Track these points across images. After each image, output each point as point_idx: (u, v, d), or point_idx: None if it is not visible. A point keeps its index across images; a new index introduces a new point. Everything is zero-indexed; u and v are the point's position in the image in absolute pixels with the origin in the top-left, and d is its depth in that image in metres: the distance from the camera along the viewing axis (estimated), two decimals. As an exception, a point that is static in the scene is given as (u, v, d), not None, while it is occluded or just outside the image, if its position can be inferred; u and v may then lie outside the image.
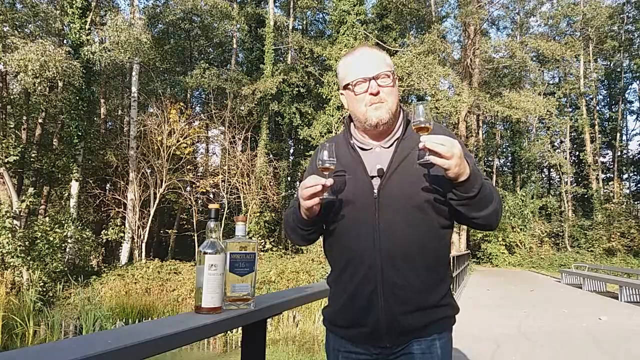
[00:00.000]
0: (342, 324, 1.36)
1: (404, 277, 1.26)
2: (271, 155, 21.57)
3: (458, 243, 22.37)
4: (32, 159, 15.78)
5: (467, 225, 1.41)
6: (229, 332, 9.39)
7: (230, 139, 19.89)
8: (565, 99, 29.92)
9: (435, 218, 1.29)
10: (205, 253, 1.22)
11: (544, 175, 34.22)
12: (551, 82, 32.62)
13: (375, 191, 1.28)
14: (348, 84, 1.33)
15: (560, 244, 24.94)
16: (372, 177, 1.30)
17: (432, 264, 1.29)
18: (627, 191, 30.06)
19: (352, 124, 1.42)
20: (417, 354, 1.28)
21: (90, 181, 18.50)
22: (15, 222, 12.79)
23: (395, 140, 1.34)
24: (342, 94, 1.40)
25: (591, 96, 29.32)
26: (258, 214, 19.11)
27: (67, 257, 14.65)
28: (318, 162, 1.26)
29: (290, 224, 1.40)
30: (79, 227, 14.75)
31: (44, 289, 12.41)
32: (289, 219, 1.40)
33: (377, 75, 1.29)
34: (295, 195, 1.46)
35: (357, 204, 1.30)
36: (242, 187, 19.14)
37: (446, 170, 1.14)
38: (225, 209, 18.72)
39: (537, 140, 29.18)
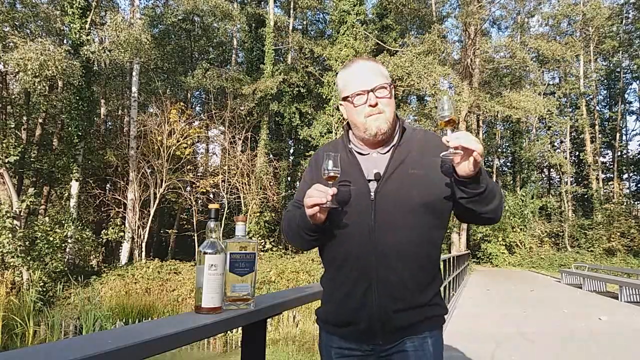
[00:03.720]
0: (337, 322, 1.38)
1: (398, 276, 1.29)
2: (271, 155, 21.56)
3: (458, 243, 22.36)
4: (32, 159, 15.76)
5: (473, 223, 1.45)
6: (229, 332, 9.39)
7: (230, 139, 19.89)
8: (565, 99, 29.95)
9: (428, 221, 1.32)
10: (205, 253, 1.22)
11: (544, 175, 34.24)
12: (551, 82, 32.62)
13: (372, 194, 1.32)
14: (347, 96, 1.36)
15: (560, 244, 24.93)
16: (369, 180, 1.34)
17: (424, 264, 1.33)
18: (627, 191, 30.05)
19: (350, 130, 1.45)
20: (410, 351, 1.32)
21: (90, 181, 18.51)
22: (15, 222, 12.77)
23: (391, 147, 1.38)
24: (341, 104, 1.44)
25: (591, 96, 29.32)
26: (258, 214, 19.10)
27: (67, 257, 14.64)
28: (323, 171, 1.27)
29: (293, 229, 1.39)
30: (79, 227, 14.75)
31: (44, 289, 12.40)
32: (292, 224, 1.39)
33: (375, 87, 1.33)
34: (294, 197, 1.49)
35: (355, 206, 1.32)
36: (242, 187, 19.14)
37: (474, 164, 1.15)
38: (225, 209, 18.72)
39: (537, 140, 29.19)
